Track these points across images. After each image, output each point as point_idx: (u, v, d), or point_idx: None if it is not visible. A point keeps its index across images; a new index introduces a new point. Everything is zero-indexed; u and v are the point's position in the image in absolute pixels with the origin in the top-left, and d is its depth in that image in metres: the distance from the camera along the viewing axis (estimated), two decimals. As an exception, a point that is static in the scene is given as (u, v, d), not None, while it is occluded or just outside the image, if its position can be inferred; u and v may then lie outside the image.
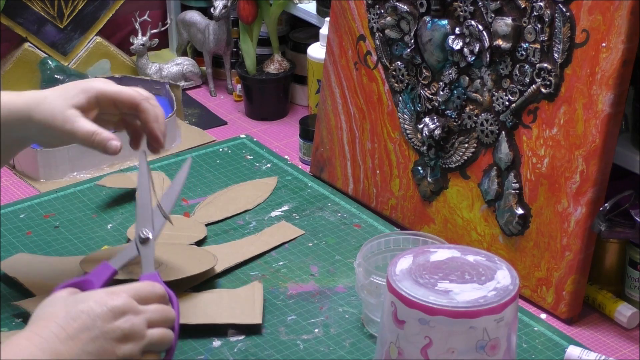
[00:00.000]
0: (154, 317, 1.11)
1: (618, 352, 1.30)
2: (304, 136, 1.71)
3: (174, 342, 1.13)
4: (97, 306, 1.07)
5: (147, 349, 1.10)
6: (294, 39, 1.93)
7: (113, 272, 1.21)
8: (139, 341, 1.08)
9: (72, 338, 1.04)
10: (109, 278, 1.20)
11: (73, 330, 1.05)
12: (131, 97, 1.26)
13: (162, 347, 1.12)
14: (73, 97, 1.23)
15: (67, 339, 1.04)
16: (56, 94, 1.24)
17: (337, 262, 1.43)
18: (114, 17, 1.99)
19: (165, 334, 1.11)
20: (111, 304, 1.07)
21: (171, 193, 1.29)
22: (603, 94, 1.28)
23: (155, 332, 1.10)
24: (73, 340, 1.04)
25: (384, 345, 1.09)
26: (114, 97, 1.25)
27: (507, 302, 1.05)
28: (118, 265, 1.22)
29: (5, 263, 1.39)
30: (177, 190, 1.29)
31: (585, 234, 1.32)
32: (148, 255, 1.23)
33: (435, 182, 1.49)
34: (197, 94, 1.97)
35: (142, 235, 1.23)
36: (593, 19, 1.28)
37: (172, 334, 1.12)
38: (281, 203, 1.57)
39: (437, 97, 1.46)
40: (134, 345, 1.08)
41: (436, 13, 1.43)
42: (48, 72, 1.89)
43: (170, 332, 1.12)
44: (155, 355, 1.11)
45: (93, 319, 1.06)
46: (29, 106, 1.23)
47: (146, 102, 1.26)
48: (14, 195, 1.62)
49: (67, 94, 1.24)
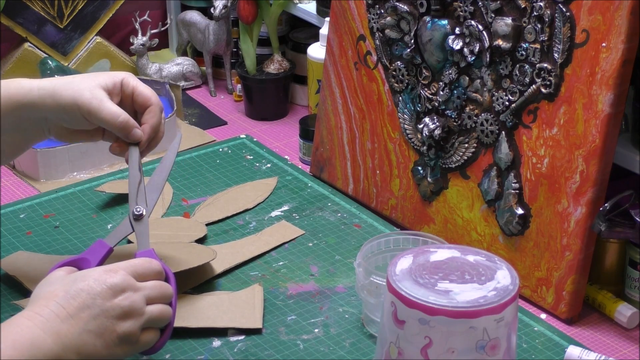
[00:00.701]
0: (153, 294, 1.12)
1: (618, 352, 1.30)
2: (304, 136, 1.71)
3: (172, 317, 1.13)
4: (96, 284, 1.08)
5: (146, 325, 1.10)
6: (294, 39, 1.93)
7: (108, 250, 1.22)
8: (139, 318, 1.09)
9: (73, 317, 1.05)
10: (105, 256, 1.21)
11: (73, 309, 1.06)
12: (148, 95, 1.27)
13: (162, 323, 1.12)
14: (101, 79, 1.25)
15: (68, 317, 1.05)
16: (84, 76, 1.27)
17: (337, 262, 1.43)
18: (114, 17, 1.99)
19: (164, 309, 1.12)
20: (110, 282, 1.08)
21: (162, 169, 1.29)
22: (603, 94, 1.28)
23: (155, 308, 1.11)
24: (74, 319, 1.05)
25: (384, 345, 1.09)
26: (135, 89, 1.27)
27: (507, 302, 1.05)
28: (113, 242, 1.23)
29: (5, 261, 1.39)
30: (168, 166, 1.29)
31: (585, 234, 1.32)
32: (142, 231, 1.23)
33: (435, 182, 1.49)
34: (197, 94, 1.97)
35: (136, 212, 1.24)
36: (593, 19, 1.28)
37: (171, 309, 1.13)
38: (281, 203, 1.57)
39: (437, 97, 1.46)
40: (134, 322, 1.09)
41: (436, 13, 1.43)
42: (48, 72, 1.89)
43: (169, 307, 1.13)
44: (154, 331, 1.12)
45: (93, 297, 1.07)
46: (55, 85, 1.25)
47: (157, 108, 1.27)
48: (14, 195, 1.62)
49: (96, 77, 1.26)
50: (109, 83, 1.26)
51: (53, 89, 1.24)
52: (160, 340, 1.13)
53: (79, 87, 1.24)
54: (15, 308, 1.31)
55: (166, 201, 1.56)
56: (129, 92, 1.27)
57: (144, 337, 1.11)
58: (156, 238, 1.42)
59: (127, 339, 1.08)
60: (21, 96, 1.24)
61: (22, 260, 1.40)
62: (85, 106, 1.23)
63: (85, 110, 1.23)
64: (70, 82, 1.25)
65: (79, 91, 1.24)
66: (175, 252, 1.37)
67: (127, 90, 1.27)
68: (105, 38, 2.00)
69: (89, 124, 1.25)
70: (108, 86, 1.25)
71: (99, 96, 1.24)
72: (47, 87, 1.25)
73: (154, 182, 1.27)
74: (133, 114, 1.28)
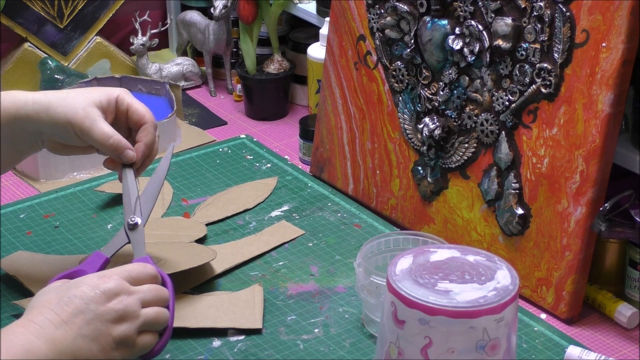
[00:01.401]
0: (147, 297, 1.12)
1: (618, 352, 1.30)
2: (304, 136, 1.71)
3: (170, 321, 1.13)
4: (89, 290, 1.08)
5: (143, 328, 1.10)
6: (294, 39, 1.93)
7: (105, 261, 1.22)
8: (134, 321, 1.09)
9: (67, 322, 1.05)
10: (101, 267, 1.21)
11: (67, 315, 1.06)
12: (142, 113, 1.28)
13: (159, 326, 1.12)
14: (95, 97, 1.26)
15: (62, 323, 1.05)
16: (79, 92, 1.27)
17: (337, 262, 1.43)
18: (114, 17, 1.99)
19: (160, 312, 1.12)
20: (103, 287, 1.09)
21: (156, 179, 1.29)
22: (603, 94, 1.28)
23: (150, 311, 1.11)
24: (68, 325, 1.05)
25: (384, 345, 1.09)
26: (130, 106, 1.27)
27: (507, 302, 1.05)
28: (110, 253, 1.23)
29: (5, 261, 1.39)
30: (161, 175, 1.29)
31: (585, 234, 1.32)
32: (138, 240, 1.23)
33: (435, 182, 1.49)
34: (197, 94, 1.97)
35: (131, 222, 1.24)
36: (593, 19, 1.28)
37: (167, 312, 1.13)
38: (281, 203, 1.57)
39: (437, 97, 1.46)
40: (129, 325, 1.09)
41: (436, 13, 1.43)
42: (48, 72, 1.89)
43: (165, 310, 1.13)
44: (152, 334, 1.12)
45: (86, 302, 1.07)
46: (50, 100, 1.25)
47: (152, 126, 1.28)
48: (14, 195, 1.62)
49: (90, 93, 1.26)
50: (103, 100, 1.26)
51: (48, 104, 1.25)
52: (159, 343, 1.13)
53: (73, 105, 1.24)
54: (15, 308, 1.31)
55: (166, 201, 1.56)
56: (123, 109, 1.27)
57: (142, 340, 1.10)
58: (156, 238, 1.42)
59: (124, 342, 1.08)
60: (15, 109, 1.25)
61: (22, 260, 1.40)
62: (78, 125, 1.24)
63: (77, 129, 1.24)
64: (65, 99, 1.25)
65: (73, 109, 1.24)
66: (175, 252, 1.37)
67: (122, 107, 1.27)
68: (105, 38, 2.00)
69: (81, 141, 1.26)
70: (102, 104, 1.26)
71: (92, 115, 1.24)
72: (42, 102, 1.25)
73: (148, 192, 1.28)
74: (127, 131, 1.29)
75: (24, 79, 1.92)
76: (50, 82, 1.88)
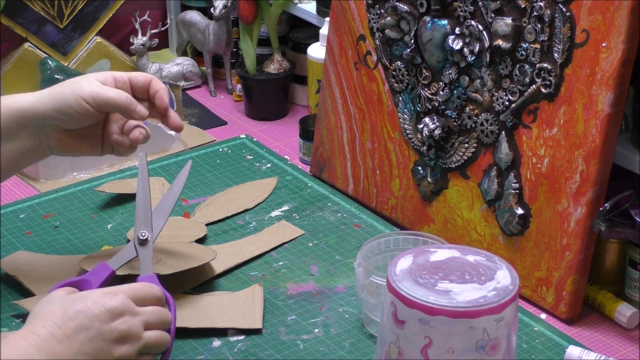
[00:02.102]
0: (151, 319, 1.11)
1: (618, 352, 1.30)
2: (304, 136, 1.71)
3: (169, 344, 1.13)
4: (94, 306, 1.07)
5: (143, 350, 1.10)
6: (294, 39, 1.93)
7: (111, 273, 1.21)
8: (136, 342, 1.09)
9: (69, 338, 1.05)
10: (106, 279, 1.20)
11: (70, 330, 1.05)
12: (145, 75, 1.30)
13: (158, 350, 1.12)
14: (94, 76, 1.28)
15: (64, 338, 1.04)
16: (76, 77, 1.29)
17: (337, 262, 1.43)
18: (114, 17, 1.99)
19: (161, 336, 1.11)
20: (109, 305, 1.08)
21: (171, 195, 1.29)
22: (603, 94, 1.28)
23: (152, 334, 1.10)
24: (70, 340, 1.05)
25: (384, 345, 1.09)
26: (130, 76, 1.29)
27: (507, 302, 1.05)
28: (116, 265, 1.23)
29: (5, 261, 1.39)
30: (176, 192, 1.30)
31: (585, 234, 1.32)
32: (146, 256, 1.23)
33: (435, 182, 1.49)
34: (197, 94, 1.97)
35: (141, 237, 1.24)
36: (593, 19, 1.28)
37: (169, 336, 1.13)
38: (281, 203, 1.57)
39: (437, 97, 1.46)
40: (130, 346, 1.08)
41: (436, 13, 1.43)
42: (48, 72, 1.89)
43: (167, 334, 1.12)
44: (151, 357, 1.11)
45: (90, 319, 1.06)
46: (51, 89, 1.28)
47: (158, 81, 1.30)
48: (14, 195, 1.62)
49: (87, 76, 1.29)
50: (100, 78, 1.28)
51: (49, 91, 1.27)
52: None
53: (75, 81, 1.27)
54: (15, 308, 1.31)
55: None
56: (125, 80, 1.29)
57: None
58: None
59: None
60: (18, 103, 1.26)
61: (22, 260, 1.40)
62: (88, 93, 1.25)
63: (88, 96, 1.25)
64: (64, 82, 1.28)
65: (77, 84, 1.26)
66: (175, 252, 1.37)
67: (122, 80, 1.29)
68: (105, 38, 2.00)
69: (89, 117, 1.26)
70: (100, 79, 1.28)
71: (97, 83, 1.27)
72: (43, 92, 1.27)
73: (161, 207, 1.28)
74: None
75: (24, 79, 1.92)
76: (50, 82, 1.88)
